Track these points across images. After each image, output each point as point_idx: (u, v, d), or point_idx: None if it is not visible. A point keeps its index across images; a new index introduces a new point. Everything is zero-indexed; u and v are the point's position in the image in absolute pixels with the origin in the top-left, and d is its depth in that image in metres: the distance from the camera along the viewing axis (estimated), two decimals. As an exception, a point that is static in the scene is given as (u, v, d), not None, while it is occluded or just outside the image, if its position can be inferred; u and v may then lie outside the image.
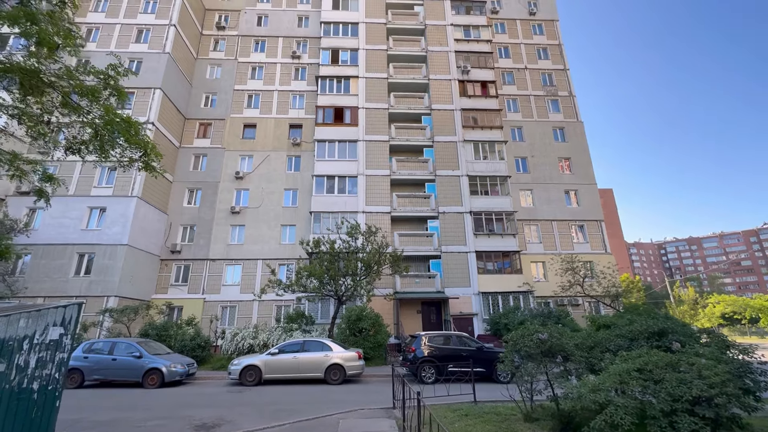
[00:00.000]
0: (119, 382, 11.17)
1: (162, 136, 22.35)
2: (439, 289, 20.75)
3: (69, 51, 6.94)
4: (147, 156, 7.38)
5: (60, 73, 6.67)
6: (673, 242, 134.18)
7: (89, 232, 19.18)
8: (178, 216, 22.88)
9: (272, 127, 25.32)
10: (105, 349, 10.97)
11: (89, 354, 10.89)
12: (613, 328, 7.50)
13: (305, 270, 15.86)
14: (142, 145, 7.18)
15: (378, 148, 23.73)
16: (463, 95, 25.44)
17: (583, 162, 25.85)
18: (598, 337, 6.83)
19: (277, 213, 23.27)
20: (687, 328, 7.03)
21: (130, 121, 7.16)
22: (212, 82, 26.41)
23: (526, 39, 29.38)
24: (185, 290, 21.54)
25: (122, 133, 6.84)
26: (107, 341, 11.10)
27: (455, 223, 22.29)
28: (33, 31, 6.13)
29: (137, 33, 23.72)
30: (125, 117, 7.25)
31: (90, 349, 11.03)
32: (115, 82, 7.23)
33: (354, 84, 25.30)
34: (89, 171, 20.33)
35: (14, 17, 6.13)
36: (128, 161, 7.57)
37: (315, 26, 28.12)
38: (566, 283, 20.10)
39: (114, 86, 7.13)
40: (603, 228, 24.37)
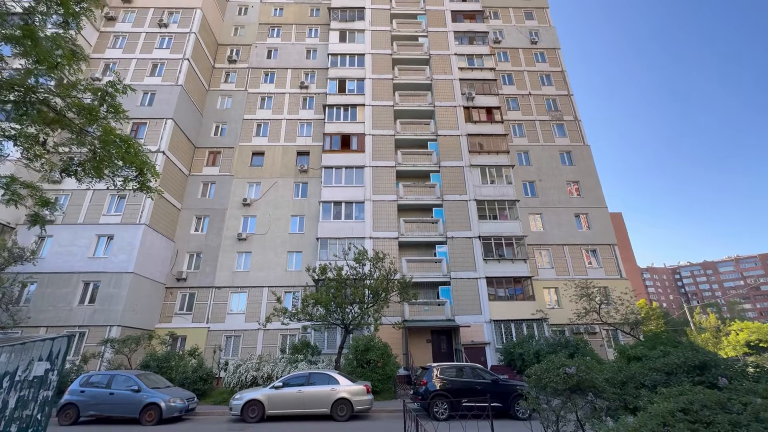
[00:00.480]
0: (116, 418, 10.63)
1: (172, 164, 22.67)
2: (449, 317, 20.06)
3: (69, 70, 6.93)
4: (143, 175, 7.24)
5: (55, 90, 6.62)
6: (688, 267, 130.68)
7: (96, 260, 19.09)
8: (185, 243, 22.80)
9: (280, 155, 25.61)
10: (103, 382, 10.52)
11: (86, 388, 10.45)
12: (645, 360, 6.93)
13: (311, 297, 15.44)
14: (137, 163, 7.03)
15: (385, 173, 23.76)
16: (469, 121, 25.66)
17: (592, 185, 25.55)
18: (631, 370, 6.26)
19: (284, 239, 23.09)
20: (730, 360, 6.44)
21: (128, 140, 7.07)
22: (222, 112, 27.05)
23: (528, 66, 29.92)
24: (189, 319, 21.11)
25: (119, 153, 6.72)
26: (105, 374, 10.66)
27: (464, 248, 21.87)
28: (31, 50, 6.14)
29: (152, 67, 24.62)
30: (124, 136, 7.17)
31: (87, 383, 10.59)
32: (112, 99, 7.15)
33: (360, 112, 25.72)
34: (99, 199, 20.52)
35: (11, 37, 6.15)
36: (123, 181, 7.43)
37: (322, 58, 29.01)
38: (581, 309, 19.36)
39: (111, 103, 7.04)
40: (617, 252, 23.71)
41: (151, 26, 25.99)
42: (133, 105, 22.99)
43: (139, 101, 23.33)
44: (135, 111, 22.87)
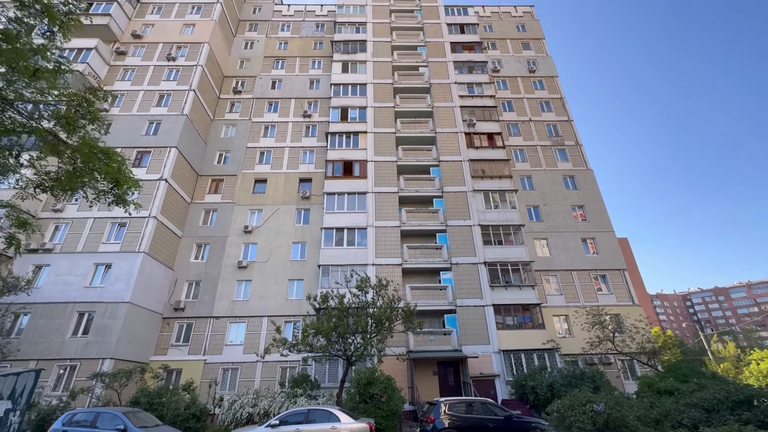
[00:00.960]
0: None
1: (174, 192, 22.65)
2: (455, 347, 19.20)
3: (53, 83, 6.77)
4: (119, 187, 6.96)
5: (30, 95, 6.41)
6: (699, 293, 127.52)
7: (92, 289, 18.64)
8: (185, 272, 22.36)
9: (282, 182, 25.61)
10: (88, 420, 9.79)
11: (69, 427, 9.70)
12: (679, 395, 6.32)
13: (312, 327, 14.80)
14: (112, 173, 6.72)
15: (387, 199, 23.59)
16: (470, 147, 25.75)
17: (598, 209, 25.20)
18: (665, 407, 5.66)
19: (285, 267, 22.63)
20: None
21: (109, 152, 6.83)
22: (226, 141, 27.36)
23: (528, 94, 30.42)
24: (186, 351, 20.32)
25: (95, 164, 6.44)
26: (91, 411, 9.96)
27: (469, 274, 21.28)
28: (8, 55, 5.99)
29: (159, 97, 25.16)
30: (105, 148, 6.93)
31: (71, 421, 9.86)
32: (90, 105, 6.96)
33: (363, 139, 25.93)
34: (100, 227, 20.35)
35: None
36: (96, 195, 7.15)
37: (325, 88, 29.66)
38: (595, 338, 18.50)
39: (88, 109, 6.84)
40: (627, 277, 23.00)
41: (160, 60, 26.81)
42: (138, 134, 23.44)
43: (144, 130, 23.69)
44: (140, 140, 23.24)
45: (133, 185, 7.28)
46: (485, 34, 33.78)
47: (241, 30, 33.56)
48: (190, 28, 28.84)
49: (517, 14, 35.57)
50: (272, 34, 33.38)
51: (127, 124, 23.85)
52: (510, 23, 34.86)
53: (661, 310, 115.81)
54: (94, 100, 7.00)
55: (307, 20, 34.51)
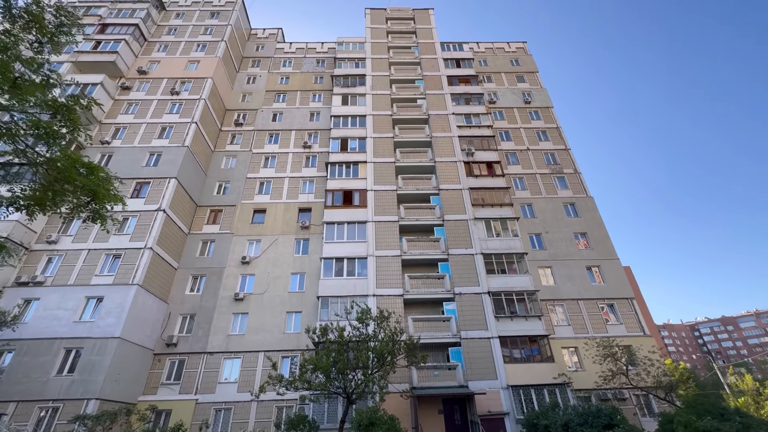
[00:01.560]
0: None
1: (172, 223, 22.37)
2: (461, 383, 18.21)
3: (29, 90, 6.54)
4: (98, 200, 6.64)
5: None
6: (707, 323, 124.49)
7: (81, 324, 17.88)
8: (179, 305, 21.64)
9: (281, 212, 25.42)
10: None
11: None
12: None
13: (310, 362, 14.03)
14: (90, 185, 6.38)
15: (387, 228, 23.30)
16: (470, 175, 25.82)
17: (601, 236, 24.89)
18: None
19: (283, 299, 21.94)
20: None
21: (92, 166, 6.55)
22: (227, 172, 27.43)
23: (524, 124, 30.95)
24: (176, 390, 19.23)
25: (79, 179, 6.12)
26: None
27: (473, 304, 20.60)
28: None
29: (161, 130, 25.46)
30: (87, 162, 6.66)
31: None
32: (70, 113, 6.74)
33: (362, 168, 26.02)
34: (93, 259, 19.87)
35: None
36: (71, 209, 6.81)
37: (325, 120, 30.19)
38: (607, 372, 17.59)
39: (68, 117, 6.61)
40: (636, 306, 22.30)
41: (164, 94, 27.42)
42: (138, 166, 23.49)
43: (145, 162, 23.76)
44: (140, 171, 23.25)
45: (113, 199, 6.96)
46: (480, 68, 34.91)
47: (244, 66, 34.67)
48: (195, 64, 29.75)
49: (511, 50, 36.95)
50: (274, 69, 34.45)
51: (128, 156, 23.96)
52: (504, 58, 36.13)
53: (669, 341, 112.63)
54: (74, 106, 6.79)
55: (308, 56, 35.74)
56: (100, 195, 6.56)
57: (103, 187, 6.72)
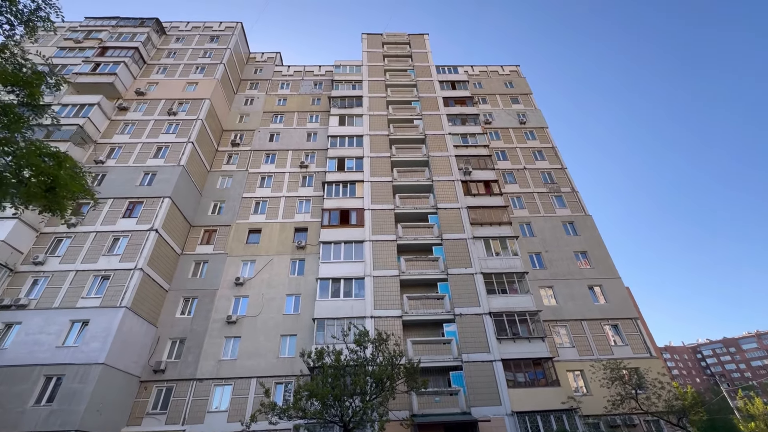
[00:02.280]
0: None
1: (164, 243, 21.81)
2: (464, 410, 17.33)
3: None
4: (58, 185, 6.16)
5: None
6: (708, 345, 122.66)
7: (64, 349, 16.98)
8: (168, 328, 20.77)
9: (277, 232, 24.96)
10: None
11: None
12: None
13: (306, 389, 13.26)
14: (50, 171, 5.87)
15: (385, 248, 22.86)
16: (468, 194, 25.67)
17: (601, 255, 24.55)
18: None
19: (277, 321, 21.16)
20: None
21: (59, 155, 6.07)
22: (222, 191, 27.11)
23: (520, 144, 31.18)
24: (163, 420, 18.13)
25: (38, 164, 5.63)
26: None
27: (474, 326, 19.94)
28: None
29: (156, 149, 25.28)
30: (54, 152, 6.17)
31: None
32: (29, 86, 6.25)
33: (359, 188, 25.83)
34: (81, 281, 19.16)
35: None
36: (24, 199, 6.33)
37: (322, 140, 30.24)
38: (616, 396, 16.84)
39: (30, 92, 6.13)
40: (641, 327, 21.71)
41: (161, 114, 27.44)
42: (132, 185, 23.15)
43: (139, 181, 23.44)
44: (133, 191, 22.89)
45: (79, 189, 6.45)
46: (475, 90, 35.51)
47: (242, 88, 35.03)
48: (193, 86, 29.98)
49: (504, 72, 37.77)
50: (272, 91, 34.82)
51: (122, 175, 23.65)
52: (498, 80, 36.86)
53: (672, 363, 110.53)
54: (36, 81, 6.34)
55: (305, 79, 36.27)
56: (62, 181, 6.04)
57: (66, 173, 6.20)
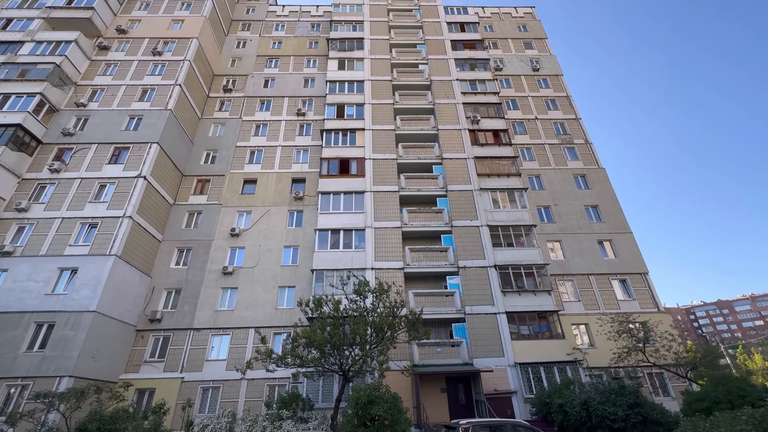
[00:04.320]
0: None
1: (155, 191, 20.71)
2: (466, 360, 17.01)
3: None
4: None
5: None
6: (702, 306, 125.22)
7: (53, 296, 16.41)
8: (163, 279, 20.19)
9: (273, 182, 23.76)
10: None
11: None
12: None
13: (302, 336, 12.67)
14: None
15: (387, 199, 21.73)
16: (475, 144, 24.14)
17: (613, 209, 23.45)
18: None
19: (275, 273, 20.52)
20: None
21: None
22: (214, 140, 25.61)
23: (532, 92, 29.09)
24: (161, 368, 17.96)
25: None
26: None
27: (479, 279, 19.26)
28: None
29: (142, 92, 23.49)
30: None
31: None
32: None
33: (360, 136, 24.27)
34: (68, 228, 18.27)
35: None
36: None
37: (321, 86, 28.22)
38: (622, 349, 16.39)
39: None
40: (650, 282, 21.04)
41: (145, 54, 25.30)
42: (117, 129, 21.72)
43: (124, 125, 21.94)
44: (118, 135, 21.49)
45: None
46: (486, 33, 32.75)
47: (234, 29, 32.35)
48: (179, 24, 27.51)
49: (518, 15, 34.70)
50: (266, 33, 32.17)
51: (106, 119, 22.09)
52: (511, 24, 33.92)
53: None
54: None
55: (302, 20, 33.41)
56: None
57: None
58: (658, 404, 11.91)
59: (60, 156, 20.64)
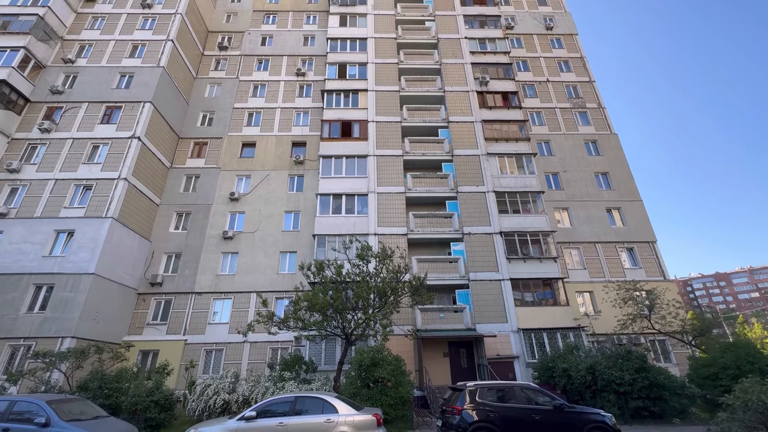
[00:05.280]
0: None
1: (150, 153, 19.98)
2: (469, 326, 16.92)
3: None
4: None
5: None
6: (700, 278, 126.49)
7: (51, 258, 16.15)
8: (163, 243, 19.89)
9: (273, 146, 22.94)
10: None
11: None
12: None
13: (305, 299, 12.41)
14: None
15: (391, 163, 20.98)
16: (483, 107, 23.04)
17: (624, 176, 22.72)
18: None
19: (276, 238, 20.17)
20: None
21: None
22: (210, 101, 24.53)
23: (545, 53, 27.54)
24: (164, 330, 18.01)
25: None
26: (2, 400, 7.53)
27: (484, 245, 18.87)
28: None
29: (132, 48, 22.22)
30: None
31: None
32: None
33: (363, 97, 23.14)
34: (62, 190, 17.75)
35: None
36: None
37: (321, 44, 26.71)
38: (627, 316, 16.20)
39: None
40: (657, 250, 20.68)
41: (134, 7, 23.76)
42: (108, 88, 20.71)
43: (115, 83, 20.88)
44: (110, 94, 20.51)
45: None
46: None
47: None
48: (169, -27, 25.59)
49: (532, -32, 32.25)
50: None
51: (96, 76, 21.00)
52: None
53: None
54: None
55: (300, -28, 31.14)
56: None
57: None
58: (665, 369, 11.79)
59: (50, 115, 19.78)
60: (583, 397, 11.67)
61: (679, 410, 10.74)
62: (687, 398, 10.86)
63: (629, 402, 10.67)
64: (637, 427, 9.73)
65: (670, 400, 10.70)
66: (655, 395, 10.69)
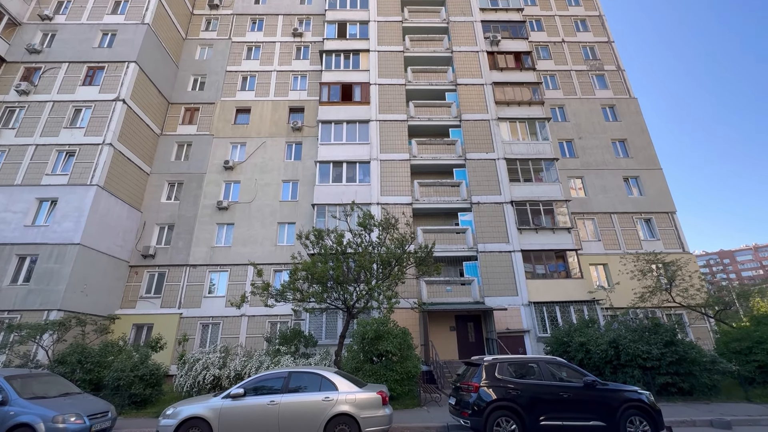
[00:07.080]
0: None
1: (137, 118, 18.67)
2: (477, 299, 16.04)
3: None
4: None
5: None
6: (704, 256, 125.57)
7: (34, 228, 15.19)
8: (155, 213, 18.89)
9: (269, 111, 21.52)
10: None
11: None
12: None
13: (303, 268, 11.44)
14: None
15: (394, 128, 19.62)
16: (494, 68, 21.38)
17: (643, 143, 21.30)
18: None
19: (273, 209, 19.11)
20: None
21: None
22: (201, 63, 22.93)
23: (560, 11, 25.51)
24: (158, 304, 17.26)
25: None
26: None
27: (493, 215, 17.76)
28: None
29: (114, 4, 20.47)
30: None
31: None
32: None
33: (364, 58, 21.50)
34: (43, 156, 16.59)
35: None
36: None
37: (319, 2, 24.73)
38: (646, 289, 15.20)
39: None
40: (676, 221, 19.53)
41: (114, -41, 21.77)
42: (89, 46, 19.13)
43: (97, 42, 19.32)
44: (91, 53, 18.97)
45: None
46: (510, -60, 28.13)
47: (218, -66, 27.89)
48: None
49: None
50: (255, -61, 27.74)
51: (76, 34, 19.42)
52: (539, -72, 29.02)
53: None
54: None
55: (296, -77, 28.68)
56: None
57: None
58: (695, 343, 10.87)
59: (28, 77, 18.38)
60: (602, 373, 10.83)
61: (710, 386, 9.88)
62: (719, 373, 9.99)
63: (656, 378, 9.80)
64: (664, 404, 8.90)
65: (701, 376, 9.83)
66: (684, 371, 9.81)
